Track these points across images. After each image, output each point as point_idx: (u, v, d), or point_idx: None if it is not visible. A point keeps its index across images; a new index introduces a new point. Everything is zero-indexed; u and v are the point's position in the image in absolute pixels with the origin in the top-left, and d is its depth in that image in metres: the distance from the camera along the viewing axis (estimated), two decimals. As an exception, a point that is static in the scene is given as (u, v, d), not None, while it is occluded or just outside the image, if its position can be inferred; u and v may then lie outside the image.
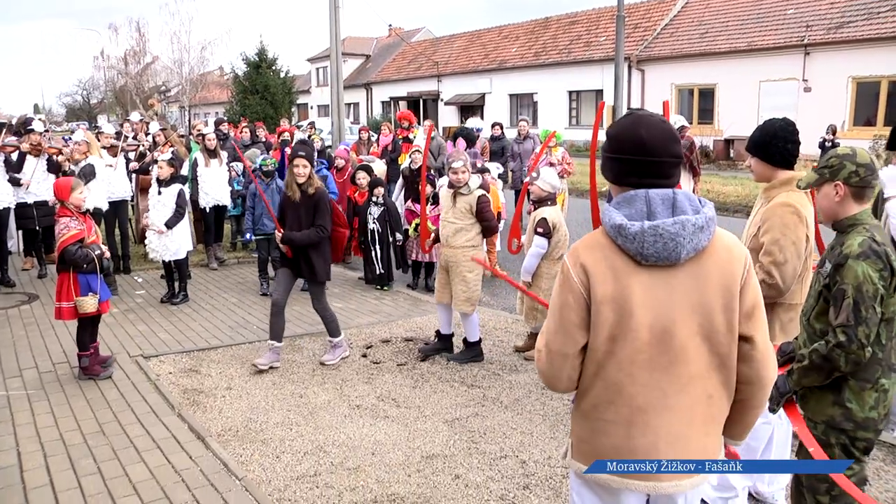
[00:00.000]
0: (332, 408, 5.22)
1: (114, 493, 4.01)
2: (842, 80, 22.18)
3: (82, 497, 3.98)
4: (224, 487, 4.05)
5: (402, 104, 41.91)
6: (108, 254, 5.82)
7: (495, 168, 9.91)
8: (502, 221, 9.18)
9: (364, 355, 6.37)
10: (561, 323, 2.17)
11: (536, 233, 6.04)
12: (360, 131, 15.03)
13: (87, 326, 5.78)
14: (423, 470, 4.28)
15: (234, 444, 4.66)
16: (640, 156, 2.12)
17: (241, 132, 12.82)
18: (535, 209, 6.36)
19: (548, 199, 6.15)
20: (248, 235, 8.79)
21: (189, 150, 10.46)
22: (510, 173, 12.50)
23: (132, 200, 10.50)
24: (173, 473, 4.22)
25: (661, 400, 2.12)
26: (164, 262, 8.16)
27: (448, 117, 37.35)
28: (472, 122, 12.94)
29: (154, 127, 10.15)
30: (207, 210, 9.75)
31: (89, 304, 5.61)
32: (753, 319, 2.13)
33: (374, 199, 8.51)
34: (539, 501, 3.92)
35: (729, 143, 23.80)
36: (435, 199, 8.37)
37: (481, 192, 6.00)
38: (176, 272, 8.25)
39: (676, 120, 9.64)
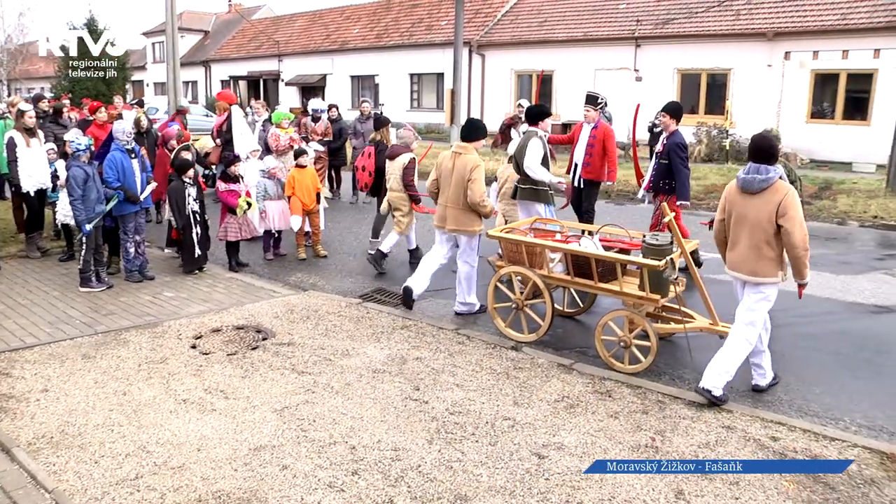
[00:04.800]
0: (158, 404, 5.01)
1: None
2: (668, 72, 23.85)
3: None
4: (30, 503, 3.78)
5: (242, 83, 40.61)
6: None
7: (316, 146, 10.93)
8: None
9: (193, 346, 6.16)
10: None
11: None
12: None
13: None
14: (250, 463, 4.21)
15: (46, 452, 4.35)
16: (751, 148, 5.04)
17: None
18: None
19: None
20: (86, 227, 7.63)
21: None
22: (351, 151, 13.66)
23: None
24: (-31, 493, 3.89)
25: None
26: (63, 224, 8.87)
27: (289, 98, 36.55)
28: (313, 103, 13.05)
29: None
30: (32, 194, 9.06)
31: None
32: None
33: (187, 180, 8.39)
34: (367, 485, 3.97)
35: (566, 126, 24.87)
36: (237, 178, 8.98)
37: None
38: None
39: (522, 103, 10.07)
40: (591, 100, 9.01)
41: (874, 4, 20.14)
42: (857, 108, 20.44)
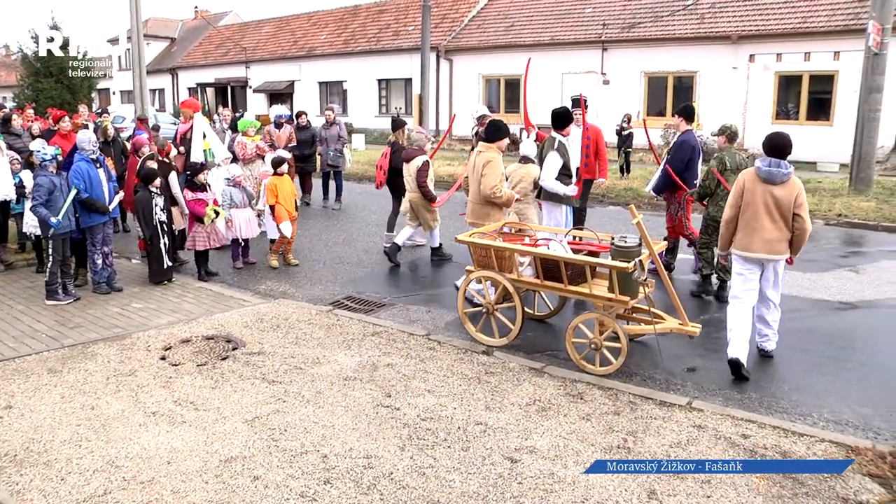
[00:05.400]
0: (126, 417, 4.94)
1: None
2: (635, 75, 24.10)
3: None
4: (-8, 521, 3.71)
5: (210, 91, 40.28)
6: None
7: (283, 153, 10.78)
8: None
9: (162, 358, 6.07)
10: None
11: None
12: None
13: None
14: (221, 475, 4.16)
15: (9, 471, 4.25)
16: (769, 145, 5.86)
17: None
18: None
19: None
20: (53, 220, 7.41)
21: None
22: (318, 157, 13.75)
23: None
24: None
25: None
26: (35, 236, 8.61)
27: (258, 105, 36.34)
28: (276, 110, 13.02)
29: None
30: None
31: None
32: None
33: (154, 190, 8.31)
34: (339, 494, 3.95)
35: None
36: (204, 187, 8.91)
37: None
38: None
39: (479, 109, 10.17)
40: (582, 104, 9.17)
41: (833, 8, 20.58)
42: (820, 108, 20.84)
